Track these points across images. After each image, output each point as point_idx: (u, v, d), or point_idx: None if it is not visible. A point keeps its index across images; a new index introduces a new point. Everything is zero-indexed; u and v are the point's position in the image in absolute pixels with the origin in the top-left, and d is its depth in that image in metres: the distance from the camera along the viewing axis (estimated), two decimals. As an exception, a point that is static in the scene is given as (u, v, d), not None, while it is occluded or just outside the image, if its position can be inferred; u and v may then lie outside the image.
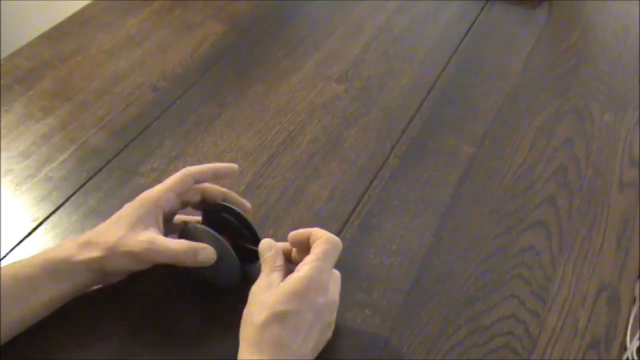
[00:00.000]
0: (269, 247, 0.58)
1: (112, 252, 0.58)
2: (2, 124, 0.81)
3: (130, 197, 0.72)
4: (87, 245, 0.58)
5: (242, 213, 0.63)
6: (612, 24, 1.03)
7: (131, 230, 0.58)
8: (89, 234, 0.60)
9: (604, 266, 0.68)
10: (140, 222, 0.59)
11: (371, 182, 0.75)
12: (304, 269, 0.54)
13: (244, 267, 0.61)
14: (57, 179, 0.74)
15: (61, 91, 0.86)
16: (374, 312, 0.62)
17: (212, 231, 0.60)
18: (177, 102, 0.85)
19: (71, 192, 0.73)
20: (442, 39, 0.98)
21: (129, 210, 0.61)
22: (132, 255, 0.58)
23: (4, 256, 0.66)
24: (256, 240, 0.61)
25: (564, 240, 0.70)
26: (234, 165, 0.65)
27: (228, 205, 0.63)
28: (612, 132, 0.83)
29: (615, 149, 0.81)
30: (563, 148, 0.81)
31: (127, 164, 0.76)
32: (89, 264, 0.58)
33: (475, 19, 1.02)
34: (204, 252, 0.58)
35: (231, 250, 0.60)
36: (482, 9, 1.04)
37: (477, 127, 0.83)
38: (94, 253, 0.58)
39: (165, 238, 0.59)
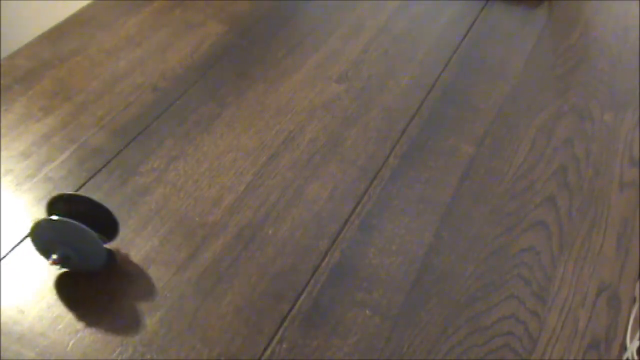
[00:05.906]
0: None
1: None
2: (2, 124, 0.81)
3: (131, 197, 0.72)
4: None
5: (75, 194, 0.65)
6: (612, 24, 1.03)
7: None
8: None
9: (604, 266, 0.68)
10: None
11: (371, 182, 0.75)
12: None
13: (105, 244, 0.64)
14: (57, 179, 0.74)
15: (61, 91, 0.86)
16: (374, 312, 0.62)
17: (68, 220, 0.60)
18: (177, 102, 0.85)
19: (71, 192, 0.73)
20: (442, 39, 0.98)
21: None
22: None
23: (4, 256, 0.66)
24: (102, 211, 0.64)
25: (564, 240, 0.70)
26: None
27: (62, 193, 0.64)
28: (612, 132, 0.83)
29: (615, 149, 0.81)
30: (563, 148, 0.81)
31: (127, 164, 0.76)
32: None
33: (475, 19, 1.02)
34: None
35: (93, 233, 0.61)
36: (482, 9, 1.04)
37: (477, 127, 0.83)
38: None
39: None
